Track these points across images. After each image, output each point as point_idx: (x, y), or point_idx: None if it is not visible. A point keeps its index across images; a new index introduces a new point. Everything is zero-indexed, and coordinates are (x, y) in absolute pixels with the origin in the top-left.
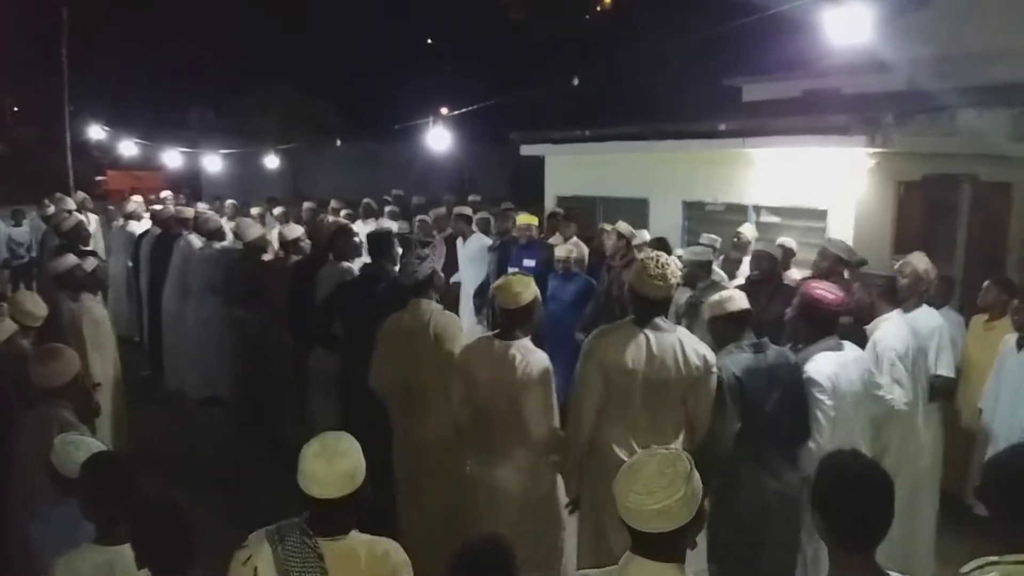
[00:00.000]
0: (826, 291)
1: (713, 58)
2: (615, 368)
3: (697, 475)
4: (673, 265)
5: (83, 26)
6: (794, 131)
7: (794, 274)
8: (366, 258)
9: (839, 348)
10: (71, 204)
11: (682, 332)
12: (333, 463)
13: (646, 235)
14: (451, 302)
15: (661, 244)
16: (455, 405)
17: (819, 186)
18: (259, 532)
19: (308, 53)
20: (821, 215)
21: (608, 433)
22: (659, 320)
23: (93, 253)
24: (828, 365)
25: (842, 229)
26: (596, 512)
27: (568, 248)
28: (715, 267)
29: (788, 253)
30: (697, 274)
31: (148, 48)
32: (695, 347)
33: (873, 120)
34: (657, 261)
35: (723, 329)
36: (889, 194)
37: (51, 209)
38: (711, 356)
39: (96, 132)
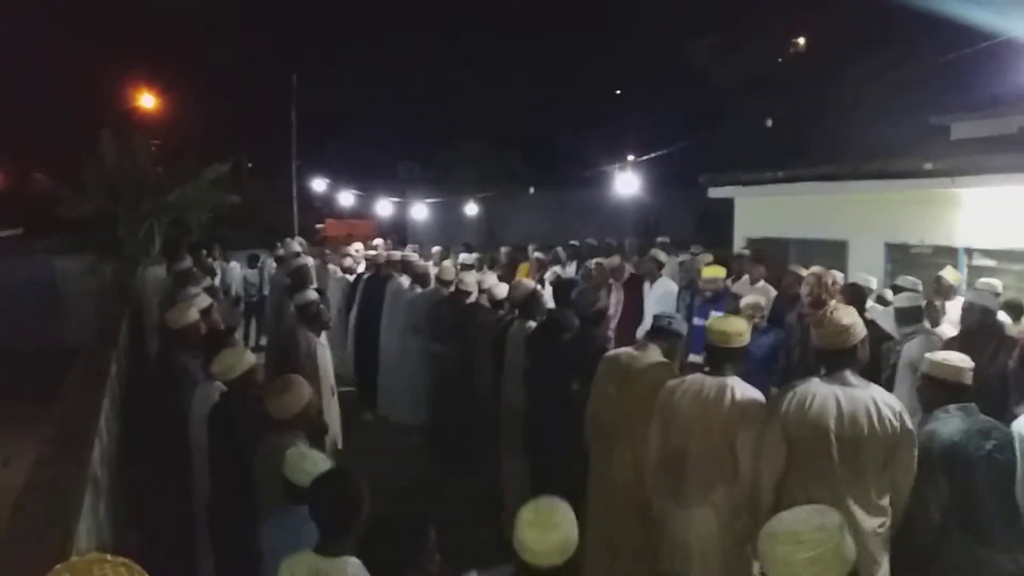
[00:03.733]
0: None
1: (918, 96)
2: (799, 425)
3: (848, 531)
4: (847, 315)
5: (309, 92)
6: (1010, 169)
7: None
8: None
9: None
10: (296, 247)
11: (876, 389)
12: (546, 534)
13: (838, 276)
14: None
15: (854, 290)
16: (651, 443)
17: None
18: None
19: (501, 107)
20: None
21: (800, 500)
22: (849, 374)
23: (322, 293)
24: None
25: None
26: None
27: (756, 298)
28: None
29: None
30: (904, 320)
31: (362, 108)
32: (890, 404)
33: None
34: (828, 311)
35: (933, 391)
36: None
37: (281, 251)
38: (907, 416)
39: (318, 184)
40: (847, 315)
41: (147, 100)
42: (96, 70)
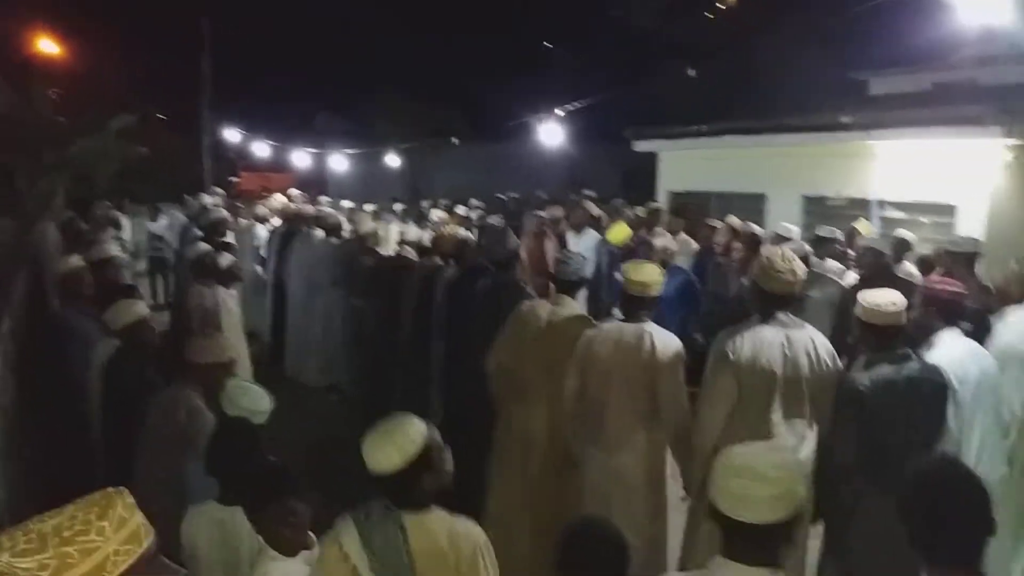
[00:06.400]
0: (947, 286)
1: (839, 51)
2: (751, 370)
3: (802, 469)
4: (799, 260)
5: (221, 38)
6: (923, 123)
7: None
8: None
9: (960, 338)
10: (208, 200)
11: (811, 330)
12: (376, 440)
13: (757, 229)
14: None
15: (752, 239)
16: (569, 392)
17: (948, 181)
18: (345, 514)
19: (423, 58)
20: (949, 211)
21: (742, 436)
22: (784, 316)
23: (231, 247)
24: (950, 352)
25: (972, 225)
26: None
27: (665, 240)
28: (832, 261)
29: (903, 245)
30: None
31: (278, 57)
32: (826, 346)
33: (1011, 110)
34: (783, 255)
35: (871, 337)
36: None
37: (195, 206)
38: (837, 357)
39: (231, 135)
40: (799, 261)
41: (46, 45)
42: None
